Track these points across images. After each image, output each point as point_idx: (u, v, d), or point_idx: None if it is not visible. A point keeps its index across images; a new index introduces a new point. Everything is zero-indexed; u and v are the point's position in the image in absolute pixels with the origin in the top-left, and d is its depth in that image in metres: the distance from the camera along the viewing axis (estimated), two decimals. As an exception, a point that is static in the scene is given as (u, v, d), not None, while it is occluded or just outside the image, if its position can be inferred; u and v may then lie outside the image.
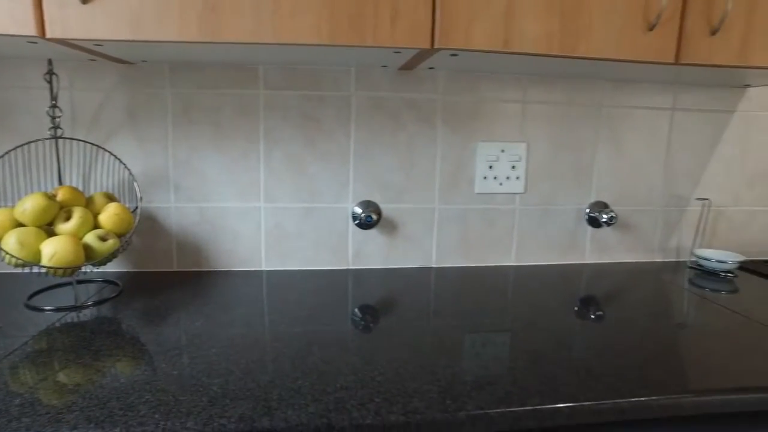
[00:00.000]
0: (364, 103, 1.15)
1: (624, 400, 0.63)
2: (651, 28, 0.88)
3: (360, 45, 0.80)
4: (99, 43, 0.81)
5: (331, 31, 0.79)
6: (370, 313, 0.92)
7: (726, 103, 1.30)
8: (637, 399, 0.63)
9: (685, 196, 1.33)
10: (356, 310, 0.93)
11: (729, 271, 1.24)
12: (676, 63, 0.92)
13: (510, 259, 1.27)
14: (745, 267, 1.29)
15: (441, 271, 1.20)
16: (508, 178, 1.23)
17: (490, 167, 1.21)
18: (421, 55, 0.92)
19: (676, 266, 1.30)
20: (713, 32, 0.91)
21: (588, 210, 1.27)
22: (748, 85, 1.26)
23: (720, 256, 1.25)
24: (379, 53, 0.91)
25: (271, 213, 1.16)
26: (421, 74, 1.16)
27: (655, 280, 1.16)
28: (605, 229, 1.30)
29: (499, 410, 0.60)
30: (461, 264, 1.25)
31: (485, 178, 1.22)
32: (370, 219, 1.15)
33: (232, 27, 0.77)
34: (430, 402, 0.61)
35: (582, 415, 0.62)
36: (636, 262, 1.32)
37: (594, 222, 1.27)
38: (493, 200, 1.24)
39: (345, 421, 0.57)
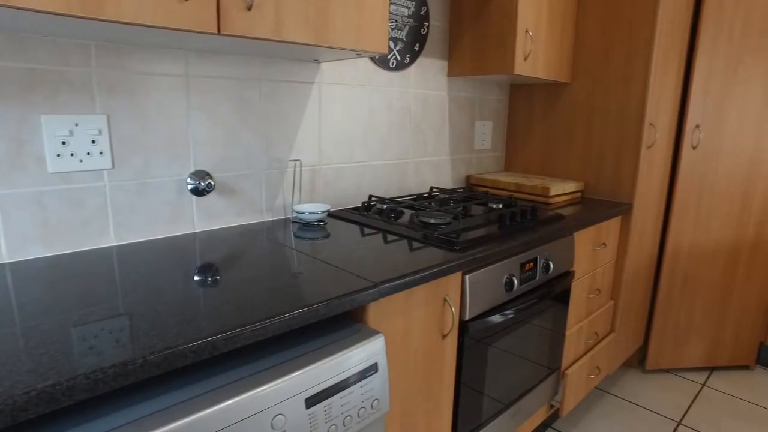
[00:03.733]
0: None
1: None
2: (181, -3, 0.90)
3: None
4: None
5: None
6: None
7: (306, 76, 1.49)
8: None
9: (284, 159, 1.48)
10: None
11: (321, 221, 1.45)
12: (219, 33, 0.97)
13: (110, 240, 1.19)
14: (334, 215, 1.54)
15: (18, 267, 1.03)
16: (89, 153, 1.12)
17: (64, 143, 1.08)
18: None
19: (285, 223, 1.45)
20: (249, 7, 0.99)
21: (189, 180, 1.29)
22: (317, 61, 1.47)
23: (312, 209, 1.45)
24: None
25: None
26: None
27: (261, 238, 1.27)
28: (212, 196, 1.34)
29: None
30: (44, 254, 1.10)
31: (59, 155, 1.08)
32: None
33: None
34: None
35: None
36: (247, 224, 1.41)
37: (197, 191, 1.29)
38: (75, 179, 1.11)
39: None
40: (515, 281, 1.32)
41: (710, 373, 2.39)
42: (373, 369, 0.90)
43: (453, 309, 1.17)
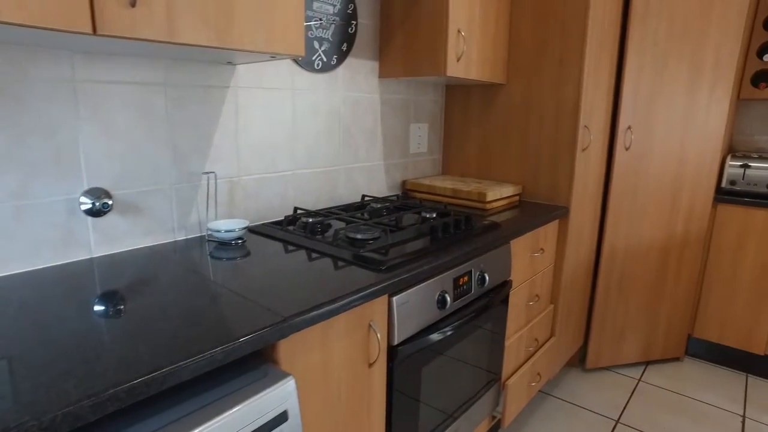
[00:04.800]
0: None
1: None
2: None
3: None
4: None
5: None
6: None
7: (219, 80, 1.35)
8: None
9: (197, 172, 1.35)
10: None
11: (239, 238, 1.33)
12: (96, 34, 0.83)
13: (-19, 274, 1.02)
14: (255, 230, 1.42)
15: None
16: (-53, 173, 0.95)
17: None
18: None
19: (200, 241, 1.32)
20: (132, 3, 0.86)
21: (82, 199, 1.13)
22: (231, 63, 1.34)
23: (228, 226, 1.32)
24: None
25: None
26: None
27: (169, 262, 1.13)
28: (112, 217, 1.19)
29: None
30: None
31: None
32: None
33: None
34: None
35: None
36: (156, 245, 1.27)
37: (93, 211, 1.14)
38: (-71, 204, 0.94)
39: None
40: (448, 298, 1.25)
41: (645, 367, 2.45)
42: (282, 418, 0.80)
43: (378, 335, 1.09)
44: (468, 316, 1.33)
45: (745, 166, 2.28)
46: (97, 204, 1.12)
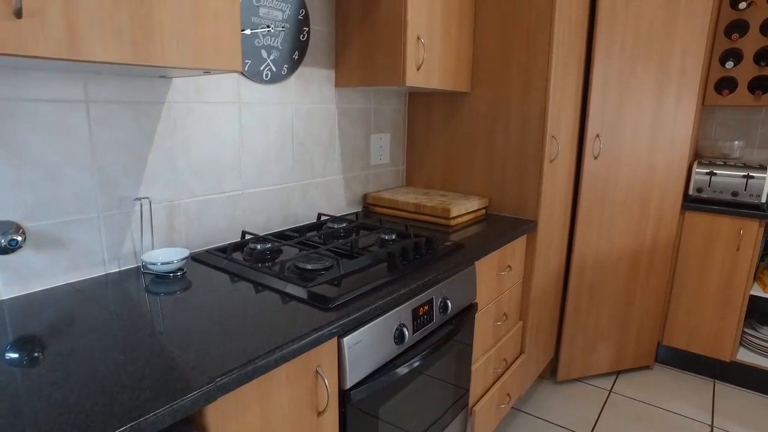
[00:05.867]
0: None
1: None
2: None
3: None
4: None
5: None
6: None
7: (152, 94, 1.22)
8: None
9: (129, 197, 1.21)
10: None
11: (178, 270, 1.20)
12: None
13: None
14: (198, 258, 1.29)
15: None
16: None
17: None
18: None
19: (136, 273, 1.19)
20: (17, 14, 0.73)
21: (-15, 236, 0.99)
22: (164, 76, 1.21)
23: (166, 257, 1.19)
24: None
25: None
26: None
27: (93, 302, 1.00)
28: (25, 253, 1.05)
29: None
30: None
31: None
32: None
33: None
34: None
35: None
36: (82, 281, 1.13)
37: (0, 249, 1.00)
38: None
39: None
40: (406, 332, 1.16)
41: (616, 377, 2.41)
42: (205, 502, 0.69)
43: (327, 381, 0.98)
44: (429, 347, 1.24)
45: (711, 174, 2.26)
46: (3, 241, 0.99)
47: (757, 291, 2.26)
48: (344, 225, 1.56)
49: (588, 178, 2.05)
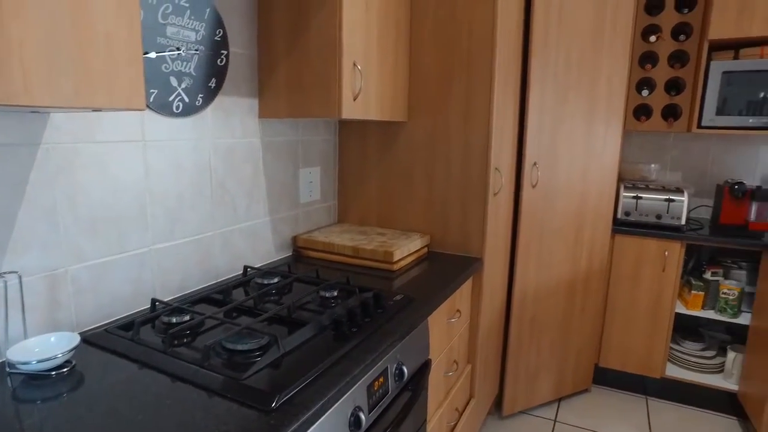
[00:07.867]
0: None
1: None
2: None
3: None
4: None
5: None
6: None
7: (21, 134, 0.94)
8: None
9: (-9, 270, 0.92)
10: None
11: (64, 364, 0.93)
12: None
13: None
14: (93, 341, 1.02)
15: None
16: None
17: None
18: None
19: (0, 375, 0.90)
20: None
21: None
22: (37, 111, 0.94)
23: (44, 351, 0.91)
24: None
25: None
26: None
27: None
28: None
29: None
30: None
31: None
32: None
33: None
34: None
35: None
36: None
37: None
38: None
39: None
40: (363, 416, 0.97)
41: (558, 404, 2.37)
42: None
43: None
44: (388, 425, 1.06)
45: (637, 198, 2.31)
46: None
47: (680, 308, 2.34)
48: (276, 281, 1.34)
49: (527, 209, 1.99)
